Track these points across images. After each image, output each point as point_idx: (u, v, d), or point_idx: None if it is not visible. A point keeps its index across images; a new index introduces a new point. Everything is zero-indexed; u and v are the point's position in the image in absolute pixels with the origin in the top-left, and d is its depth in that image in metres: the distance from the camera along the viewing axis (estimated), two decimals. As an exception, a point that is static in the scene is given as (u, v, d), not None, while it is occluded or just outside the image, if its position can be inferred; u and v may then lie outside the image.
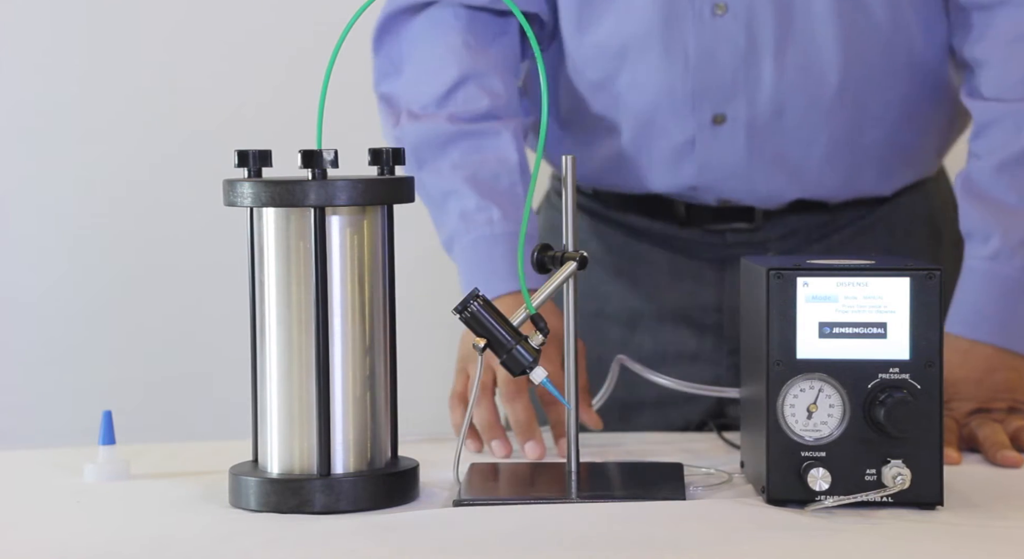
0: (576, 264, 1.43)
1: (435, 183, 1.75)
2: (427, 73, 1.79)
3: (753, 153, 1.78)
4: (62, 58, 2.68)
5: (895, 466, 1.33)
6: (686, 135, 1.79)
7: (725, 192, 1.82)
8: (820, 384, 1.34)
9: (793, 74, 1.75)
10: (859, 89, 1.77)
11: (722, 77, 1.76)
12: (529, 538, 1.27)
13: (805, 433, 1.34)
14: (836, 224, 1.86)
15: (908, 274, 1.34)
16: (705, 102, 1.77)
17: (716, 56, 1.75)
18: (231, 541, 1.28)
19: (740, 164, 1.79)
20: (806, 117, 1.77)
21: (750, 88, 1.76)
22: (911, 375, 1.34)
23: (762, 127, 1.77)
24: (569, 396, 1.46)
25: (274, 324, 1.38)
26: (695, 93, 1.77)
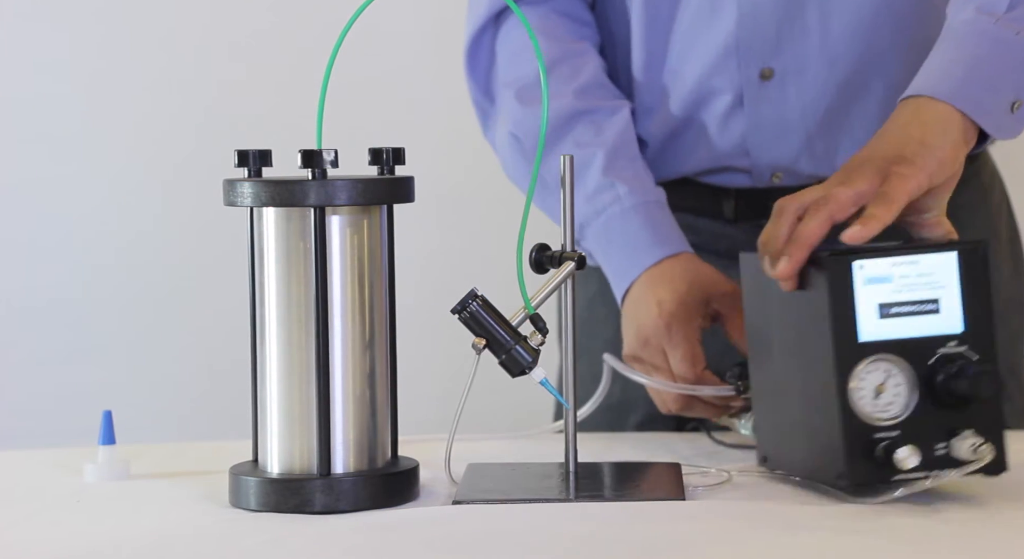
0: (575, 264, 1.43)
1: (548, 167, 1.70)
2: (524, 56, 1.76)
3: (805, 108, 1.74)
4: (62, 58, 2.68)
5: (967, 437, 1.34)
6: (734, 93, 1.75)
7: (779, 156, 1.75)
8: (885, 364, 1.35)
9: (839, 22, 1.71)
10: (915, 23, 1.72)
11: (767, 29, 1.72)
12: (528, 538, 1.27)
13: (877, 414, 1.35)
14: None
15: (955, 248, 1.36)
16: (751, 57, 1.73)
17: (759, 7, 1.72)
18: (231, 541, 1.28)
19: (793, 121, 1.74)
20: (859, 63, 1.72)
21: (797, 38, 1.72)
22: (968, 346, 1.35)
23: (812, 80, 1.73)
24: (568, 396, 1.46)
25: (274, 324, 1.38)
26: (740, 48, 1.73)
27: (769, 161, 1.77)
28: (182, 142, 2.68)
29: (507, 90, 1.78)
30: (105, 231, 2.70)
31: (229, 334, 2.24)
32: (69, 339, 2.71)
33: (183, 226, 2.69)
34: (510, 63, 1.79)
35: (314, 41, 1.88)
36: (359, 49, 1.86)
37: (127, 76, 2.68)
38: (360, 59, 1.99)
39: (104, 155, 2.69)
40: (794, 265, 1.38)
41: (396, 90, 2.68)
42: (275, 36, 2.67)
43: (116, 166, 2.69)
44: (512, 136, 1.77)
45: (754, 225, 1.77)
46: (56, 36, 2.67)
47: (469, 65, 1.82)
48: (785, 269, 1.38)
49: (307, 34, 1.95)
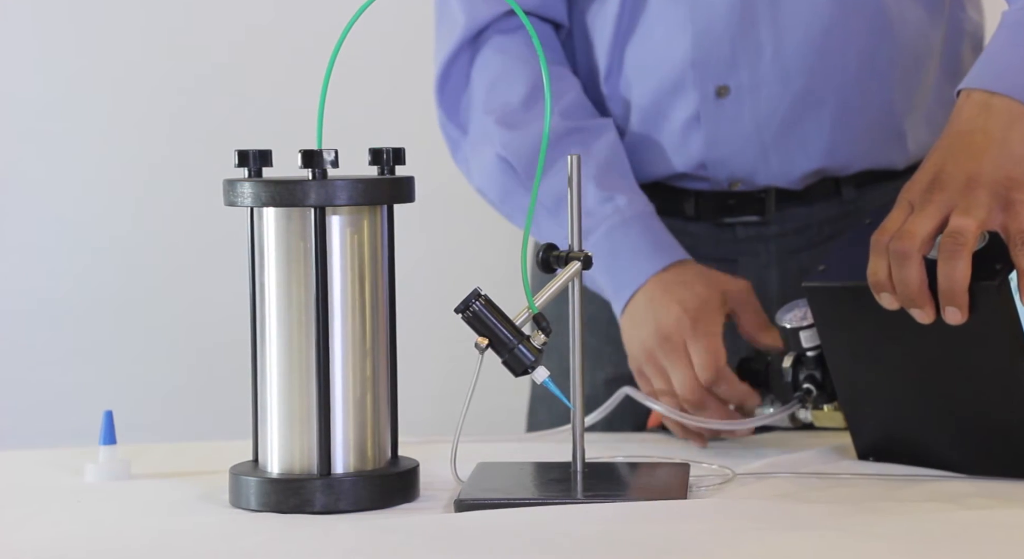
0: (581, 263, 1.43)
1: (545, 190, 1.72)
2: (505, 83, 1.77)
3: (760, 123, 1.76)
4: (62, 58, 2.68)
5: None
6: (690, 111, 1.77)
7: (736, 169, 1.79)
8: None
9: (792, 38, 1.74)
10: (860, 46, 1.75)
11: (721, 47, 1.75)
12: (530, 538, 1.27)
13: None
14: (848, 219, 1.81)
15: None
16: (707, 75, 1.76)
17: (713, 26, 1.74)
18: (231, 541, 1.28)
19: (748, 136, 1.77)
20: (810, 80, 1.75)
21: (750, 56, 1.75)
22: None
23: (767, 95, 1.75)
24: (573, 396, 1.45)
25: (274, 324, 1.38)
26: (696, 66, 1.76)
27: (727, 174, 1.80)
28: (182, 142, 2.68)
29: (487, 117, 1.78)
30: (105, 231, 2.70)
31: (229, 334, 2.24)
32: (69, 339, 2.71)
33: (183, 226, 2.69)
34: (490, 90, 1.79)
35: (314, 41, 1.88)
36: (359, 49, 1.86)
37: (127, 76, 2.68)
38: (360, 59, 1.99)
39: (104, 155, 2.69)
40: (965, 313, 1.38)
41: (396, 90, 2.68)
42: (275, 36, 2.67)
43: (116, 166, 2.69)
44: (500, 159, 1.77)
45: (713, 223, 1.83)
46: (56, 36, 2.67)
47: (440, 91, 1.82)
48: (959, 318, 1.37)
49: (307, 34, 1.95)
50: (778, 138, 1.77)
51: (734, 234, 1.83)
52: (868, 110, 1.77)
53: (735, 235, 1.83)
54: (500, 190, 1.79)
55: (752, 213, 1.82)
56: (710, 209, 1.82)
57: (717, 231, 1.84)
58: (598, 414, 1.63)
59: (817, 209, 1.82)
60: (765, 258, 1.83)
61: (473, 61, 1.80)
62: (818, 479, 1.47)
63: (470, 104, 1.80)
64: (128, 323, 2.72)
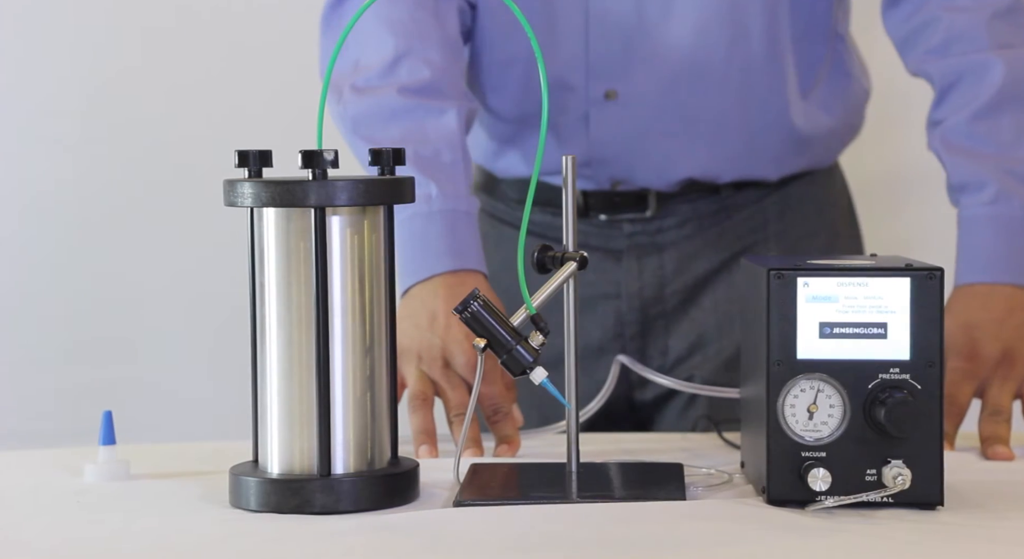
0: (576, 264, 1.43)
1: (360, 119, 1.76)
2: (370, 47, 1.79)
3: (644, 128, 1.85)
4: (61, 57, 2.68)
5: (895, 466, 1.33)
6: (580, 110, 1.86)
7: (617, 170, 1.88)
8: (820, 384, 1.34)
9: (679, 52, 1.82)
10: (744, 68, 1.84)
11: (614, 54, 1.83)
12: (529, 538, 1.27)
13: (805, 433, 1.34)
14: (728, 212, 1.92)
15: (909, 274, 1.34)
16: (598, 78, 1.84)
17: (608, 33, 1.82)
18: (231, 541, 1.28)
19: (631, 140, 1.86)
20: (692, 94, 1.84)
21: (640, 65, 1.83)
22: (912, 375, 1.34)
23: (652, 102, 1.84)
24: (569, 396, 1.46)
25: (274, 324, 1.38)
26: (589, 69, 1.84)
27: (608, 174, 1.89)
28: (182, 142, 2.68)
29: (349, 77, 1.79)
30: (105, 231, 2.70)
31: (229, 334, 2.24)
32: (69, 339, 2.71)
33: (183, 226, 2.69)
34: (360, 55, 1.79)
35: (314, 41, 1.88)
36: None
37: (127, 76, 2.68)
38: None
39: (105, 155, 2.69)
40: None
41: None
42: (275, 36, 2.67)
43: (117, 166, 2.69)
44: (338, 116, 1.79)
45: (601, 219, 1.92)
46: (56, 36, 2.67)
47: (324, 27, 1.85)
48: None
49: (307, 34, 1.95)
50: (659, 144, 1.86)
51: (621, 230, 1.92)
52: (741, 128, 1.87)
53: (623, 231, 1.92)
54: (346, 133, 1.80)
55: (636, 210, 1.91)
56: (597, 205, 1.91)
57: (606, 226, 1.92)
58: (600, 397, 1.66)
59: (697, 205, 1.91)
60: (650, 249, 1.92)
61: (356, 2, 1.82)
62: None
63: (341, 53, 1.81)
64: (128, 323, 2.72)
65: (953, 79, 1.78)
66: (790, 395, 1.34)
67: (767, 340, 1.34)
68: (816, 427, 1.34)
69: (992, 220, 1.72)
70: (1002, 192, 1.72)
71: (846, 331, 1.34)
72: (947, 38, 1.79)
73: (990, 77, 1.76)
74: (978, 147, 1.75)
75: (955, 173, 1.76)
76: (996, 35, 1.77)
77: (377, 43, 1.78)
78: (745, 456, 1.48)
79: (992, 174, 1.73)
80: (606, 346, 1.92)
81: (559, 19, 1.83)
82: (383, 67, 1.77)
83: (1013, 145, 1.75)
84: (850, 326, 1.34)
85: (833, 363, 1.34)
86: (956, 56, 1.78)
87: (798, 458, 1.34)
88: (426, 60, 1.77)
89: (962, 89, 1.77)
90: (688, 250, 1.92)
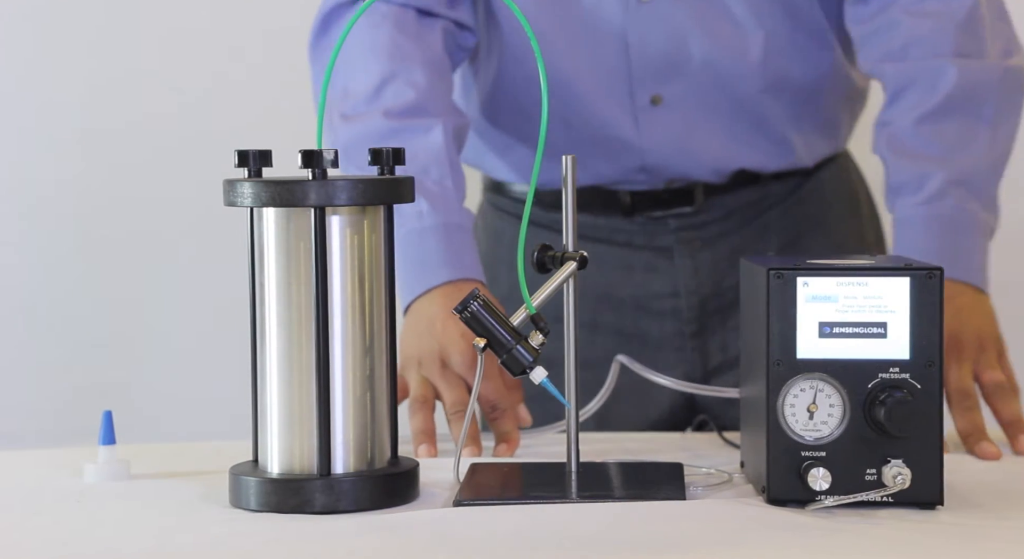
0: (576, 264, 1.43)
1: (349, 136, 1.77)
2: (356, 73, 1.80)
3: (691, 129, 1.87)
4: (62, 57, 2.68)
5: (895, 466, 1.33)
6: (628, 119, 1.86)
7: (673, 171, 1.90)
8: (820, 384, 1.34)
9: (718, 51, 1.84)
10: (777, 62, 1.86)
11: (655, 59, 1.84)
12: (529, 538, 1.27)
13: (805, 433, 1.34)
14: (769, 201, 1.94)
15: (908, 274, 1.34)
16: (643, 84, 1.85)
17: (648, 39, 1.84)
18: (231, 541, 1.28)
19: (681, 141, 1.87)
20: (733, 91, 1.86)
21: (681, 67, 1.85)
22: (911, 375, 1.34)
23: (696, 103, 1.86)
24: (569, 396, 1.46)
25: (274, 324, 1.38)
26: (632, 77, 1.85)
27: (665, 175, 1.91)
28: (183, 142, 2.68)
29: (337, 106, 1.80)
30: (106, 231, 2.70)
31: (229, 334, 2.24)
32: (69, 339, 2.71)
33: (183, 226, 2.69)
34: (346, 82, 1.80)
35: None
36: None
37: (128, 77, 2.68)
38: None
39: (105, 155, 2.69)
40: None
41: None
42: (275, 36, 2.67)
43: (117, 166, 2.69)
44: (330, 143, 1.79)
45: (647, 217, 1.93)
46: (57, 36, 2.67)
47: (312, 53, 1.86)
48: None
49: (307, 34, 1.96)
50: (708, 141, 1.88)
51: (667, 226, 1.93)
52: (780, 120, 1.90)
53: (668, 227, 1.93)
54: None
55: (683, 205, 1.92)
56: (645, 205, 1.93)
57: (651, 224, 1.93)
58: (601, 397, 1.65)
59: (741, 195, 1.94)
60: (698, 244, 1.93)
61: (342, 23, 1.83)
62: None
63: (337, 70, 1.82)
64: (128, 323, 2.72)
65: (906, 83, 1.79)
66: (790, 395, 1.34)
67: (767, 340, 1.34)
68: (816, 427, 1.34)
69: (925, 220, 1.73)
70: (937, 193, 1.73)
71: (846, 331, 1.34)
72: (907, 43, 1.79)
73: (942, 82, 1.77)
74: (922, 149, 1.76)
75: (896, 175, 1.77)
76: (956, 44, 1.78)
77: (362, 69, 1.80)
78: (745, 456, 1.48)
79: (931, 176, 1.74)
80: (665, 344, 1.93)
81: (599, 34, 1.84)
82: (369, 93, 1.78)
83: (956, 150, 1.76)
84: (850, 326, 1.34)
85: (833, 363, 1.34)
86: (913, 61, 1.79)
87: (798, 458, 1.34)
88: (410, 82, 1.78)
89: (913, 93, 1.78)
90: (737, 242, 1.94)
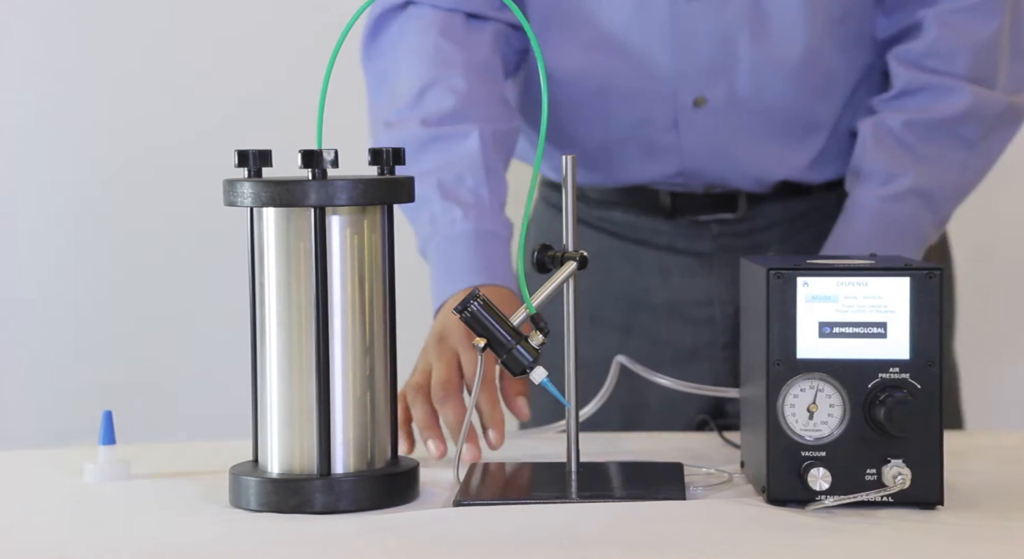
0: (576, 264, 1.43)
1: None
2: (401, 78, 1.80)
3: (734, 134, 1.82)
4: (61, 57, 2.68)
5: (895, 466, 1.33)
6: (668, 120, 1.83)
7: (711, 176, 1.86)
8: (820, 384, 1.34)
9: (767, 54, 1.80)
10: (827, 65, 1.82)
11: (700, 60, 1.80)
12: (529, 538, 1.27)
13: (805, 433, 1.34)
14: (821, 212, 1.88)
15: (908, 274, 1.34)
16: (685, 86, 1.81)
17: (693, 40, 1.79)
18: (231, 541, 1.28)
19: (723, 146, 1.83)
20: (782, 95, 1.81)
21: (728, 70, 1.80)
22: (911, 375, 1.34)
23: (741, 108, 1.81)
24: (569, 396, 1.46)
25: (274, 324, 1.38)
26: (675, 78, 1.81)
27: (702, 181, 1.87)
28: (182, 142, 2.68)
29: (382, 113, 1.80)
30: (105, 231, 2.70)
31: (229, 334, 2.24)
32: (69, 339, 2.71)
33: (183, 226, 2.69)
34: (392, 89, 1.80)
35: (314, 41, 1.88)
36: (359, 49, 1.86)
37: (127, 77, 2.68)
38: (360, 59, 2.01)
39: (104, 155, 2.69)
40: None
41: (396, 90, 2.68)
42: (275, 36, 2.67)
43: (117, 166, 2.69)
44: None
45: (690, 221, 1.89)
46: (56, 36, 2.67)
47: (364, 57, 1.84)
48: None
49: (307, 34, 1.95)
50: (751, 148, 1.83)
51: (710, 231, 1.89)
52: (829, 127, 1.85)
53: (711, 232, 1.89)
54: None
55: (726, 211, 1.88)
56: (686, 208, 1.89)
57: (694, 228, 1.89)
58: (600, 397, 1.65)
59: (787, 205, 1.89)
60: (742, 252, 1.87)
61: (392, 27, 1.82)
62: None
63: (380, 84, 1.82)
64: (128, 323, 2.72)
65: (915, 88, 1.78)
66: (790, 395, 1.34)
67: (767, 340, 1.34)
68: (816, 427, 1.34)
69: (878, 213, 1.75)
70: (898, 195, 1.75)
71: (846, 331, 1.34)
72: (927, 52, 1.78)
73: (950, 102, 1.77)
74: (902, 150, 1.76)
75: (869, 161, 1.77)
76: (972, 66, 1.78)
77: (406, 76, 1.79)
78: (745, 456, 1.48)
79: (900, 178, 1.75)
80: (699, 353, 1.90)
81: (643, 26, 1.80)
82: (410, 99, 1.78)
83: (931, 162, 1.77)
84: (850, 326, 1.34)
85: (833, 363, 1.34)
86: (928, 73, 1.78)
87: (798, 458, 1.34)
88: (450, 88, 1.77)
89: (918, 99, 1.78)
90: (782, 254, 1.89)
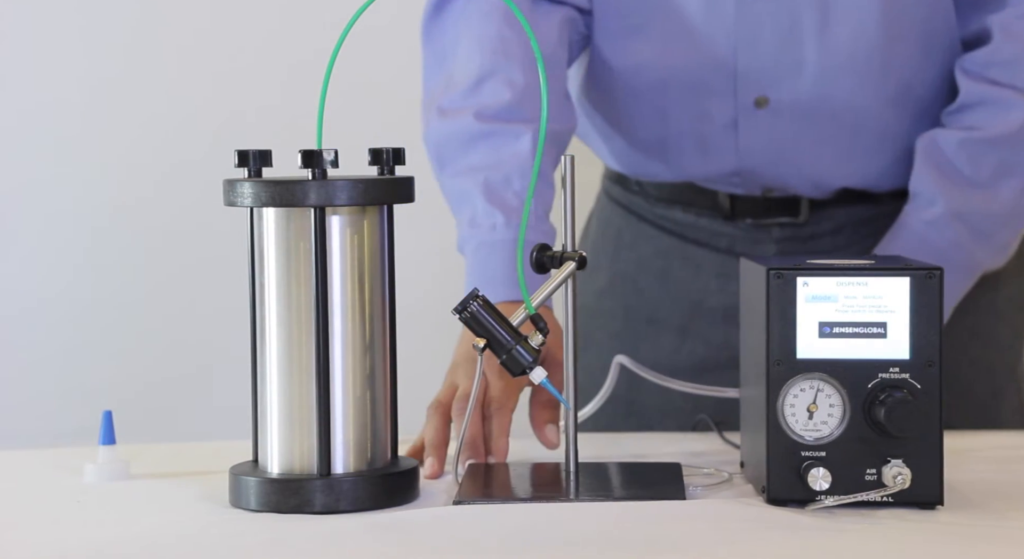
0: (575, 264, 1.43)
1: (453, 186, 1.72)
2: (459, 63, 1.75)
3: (796, 137, 1.77)
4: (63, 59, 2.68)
5: (895, 466, 1.33)
6: (728, 118, 1.78)
7: (768, 179, 1.81)
8: (820, 384, 1.34)
9: (836, 56, 1.74)
10: (902, 71, 1.76)
11: (764, 59, 1.75)
12: (528, 538, 1.27)
13: (805, 433, 1.34)
14: (889, 219, 1.81)
15: (908, 274, 1.34)
16: (748, 84, 1.76)
17: (759, 38, 1.74)
18: (231, 541, 1.28)
19: (783, 148, 1.78)
20: (850, 100, 1.76)
21: (793, 70, 1.75)
22: (911, 375, 1.34)
23: (805, 110, 1.76)
24: (569, 396, 1.46)
25: (274, 324, 1.38)
26: (738, 75, 1.76)
27: (759, 182, 1.82)
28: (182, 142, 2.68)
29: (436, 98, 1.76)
30: (105, 231, 2.70)
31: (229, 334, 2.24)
32: (69, 339, 2.71)
33: (183, 226, 2.69)
34: (450, 75, 1.76)
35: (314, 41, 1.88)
36: (359, 49, 1.86)
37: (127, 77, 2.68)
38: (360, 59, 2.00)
39: (104, 156, 2.69)
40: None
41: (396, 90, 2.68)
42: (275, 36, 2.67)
43: (116, 166, 2.69)
44: (425, 139, 1.76)
45: (750, 223, 1.84)
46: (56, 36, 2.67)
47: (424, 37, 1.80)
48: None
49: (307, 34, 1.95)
50: (812, 154, 1.79)
51: (771, 235, 1.85)
52: (901, 136, 1.79)
53: (772, 236, 1.85)
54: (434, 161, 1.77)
55: (787, 214, 1.83)
56: (746, 210, 1.84)
57: (754, 231, 1.85)
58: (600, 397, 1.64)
59: (852, 211, 1.84)
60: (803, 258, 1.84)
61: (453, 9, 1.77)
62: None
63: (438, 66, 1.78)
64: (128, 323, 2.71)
65: (974, 101, 1.74)
66: (790, 395, 1.34)
67: (767, 340, 1.34)
68: (816, 427, 1.34)
69: (919, 237, 1.72)
70: (941, 218, 1.72)
71: (846, 331, 1.34)
72: (989, 61, 1.74)
73: (1009, 118, 1.73)
74: (952, 164, 1.73)
75: (917, 179, 1.74)
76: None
77: (466, 60, 1.74)
78: (745, 456, 1.48)
79: (944, 197, 1.72)
80: None
81: (708, 26, 1.75)
82: (468, 87, 1.72)
83: (980, 186, 1.73)
84: (850, 326, 1.34)
85: (833, 363, 1.34)
86: (989, 84, 1.74)
87: (798, 458, 1.34)
88: (508, 81, 1.72)
89: (976, 113, 1.74)
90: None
